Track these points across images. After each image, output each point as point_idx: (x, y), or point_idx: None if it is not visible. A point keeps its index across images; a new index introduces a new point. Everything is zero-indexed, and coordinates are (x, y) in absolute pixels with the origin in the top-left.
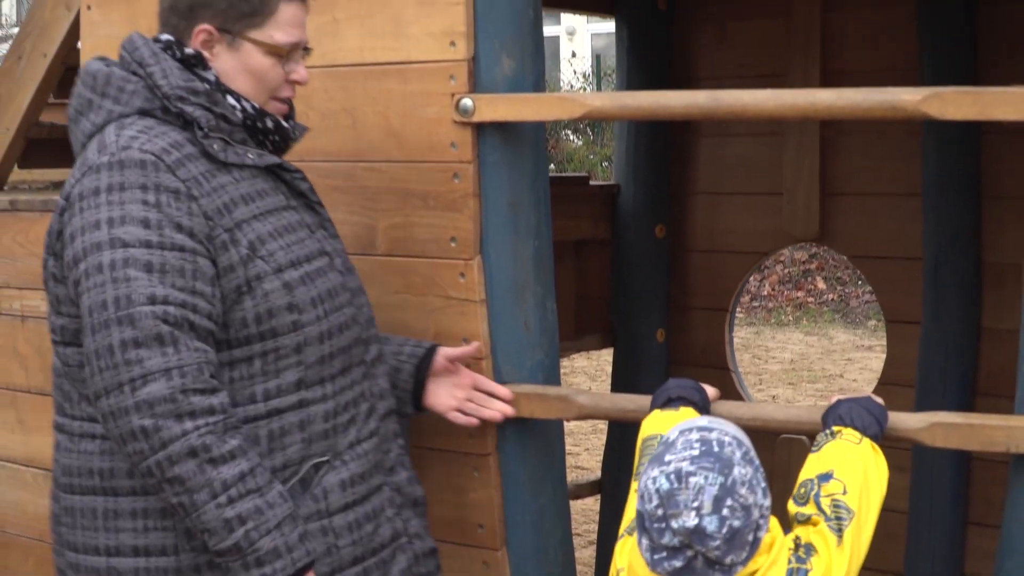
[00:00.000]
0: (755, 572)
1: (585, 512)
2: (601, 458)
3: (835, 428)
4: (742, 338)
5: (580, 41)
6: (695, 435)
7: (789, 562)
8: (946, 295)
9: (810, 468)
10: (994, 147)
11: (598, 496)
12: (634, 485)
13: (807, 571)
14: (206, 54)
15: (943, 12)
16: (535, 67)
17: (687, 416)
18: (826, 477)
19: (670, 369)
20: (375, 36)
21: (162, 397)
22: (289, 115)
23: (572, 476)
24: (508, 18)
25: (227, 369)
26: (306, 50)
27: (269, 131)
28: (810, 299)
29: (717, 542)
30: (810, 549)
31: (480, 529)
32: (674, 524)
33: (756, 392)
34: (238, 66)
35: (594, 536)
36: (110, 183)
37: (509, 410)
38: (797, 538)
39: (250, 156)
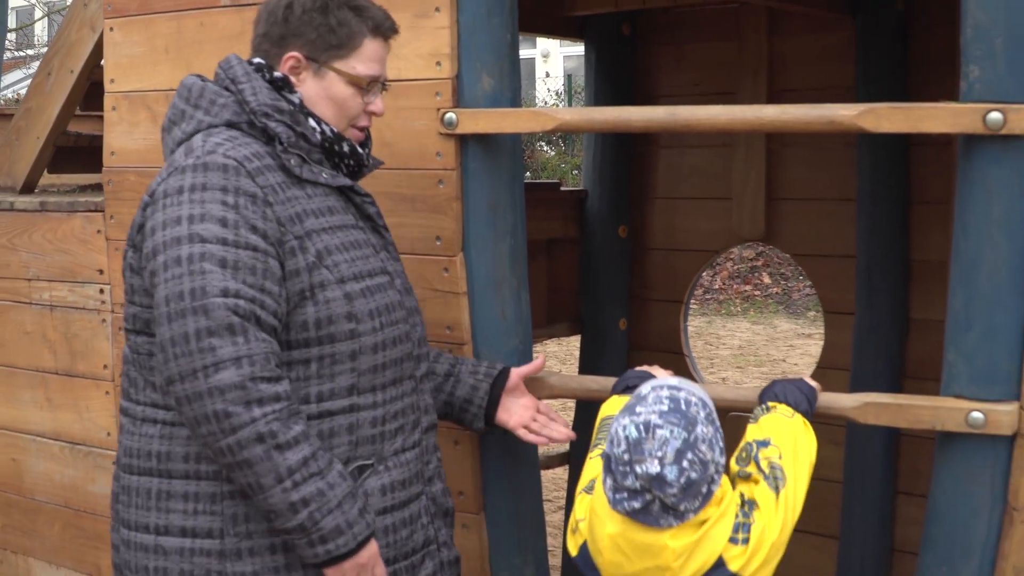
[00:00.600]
0: (705, 521)
1: (555, 480)
2: None
3: (770, 404)
4: (696, 326)
5: (554, 62)
6: (665, 392)
7: (736, 516)
8: (877, 289)
9: (750, 435)
10: (922, 157)
11: (566, 466)
12: (592, 454)
13: (750, 525)
14: (293, 79)
15: (878, 36)
16: (512, 85)
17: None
18: (764, 443)
19: (631, 354)
20: None
21: (233, 384)
22: (365, 143)
23: (543, 448)
24: (488, 42)
25: (285, 369)
26: (384, 85)
27: (345, 155)
28: (756, 292)
29: (674, 490)
30: (752, 504)
31: (460, 495)
32: (638, 469)
33: (708, 375)
34: (321, 92)
35: (563, 502)
36: (193, 183)
37: (572, 434)
38: (741, 494)
39: (324, 175)
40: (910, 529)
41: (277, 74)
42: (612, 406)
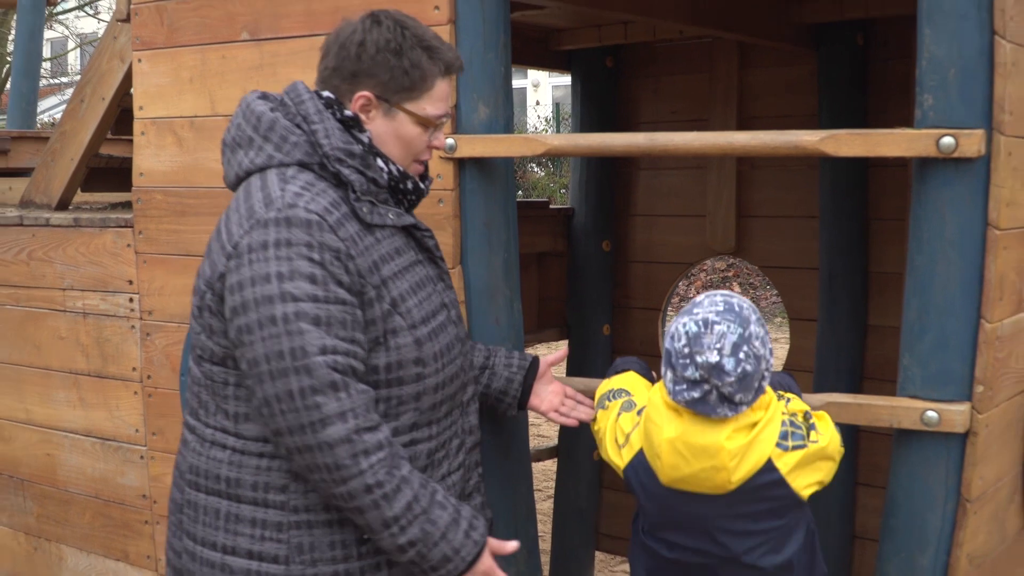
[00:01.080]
0: (756, 424)
1: (545, 472)
2: (557, 429)
3: (782, 393)
4: None
5: (543, 92)
6: (719, 298)
7: (783, 424)
8: (838, 298)
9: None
10: (879, 178)
11: (555, 459)
12: (604, 407)
13: (802, 436)
14: (362, 117)
15: (839, 69)
16: (506, 113)
17: (633, 377)
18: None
19: (613, 357)
20: None
21: (340, 439)
22: (425, 175)
23: (534, 443)
24: (484, 74)
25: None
26: (446, 121)
27: (408, 191)
28: None
29: (732, 379)
30: (813, 426)
31: None
32: (698, 359)
33: None
34: (390, 132)
35: (551, 492)
36: (278, 238)
37: (594, 413)
38: (793, 417)
39: (391, 217)
40: (869, 517)
41: (348, 112)
42: (606, 385)
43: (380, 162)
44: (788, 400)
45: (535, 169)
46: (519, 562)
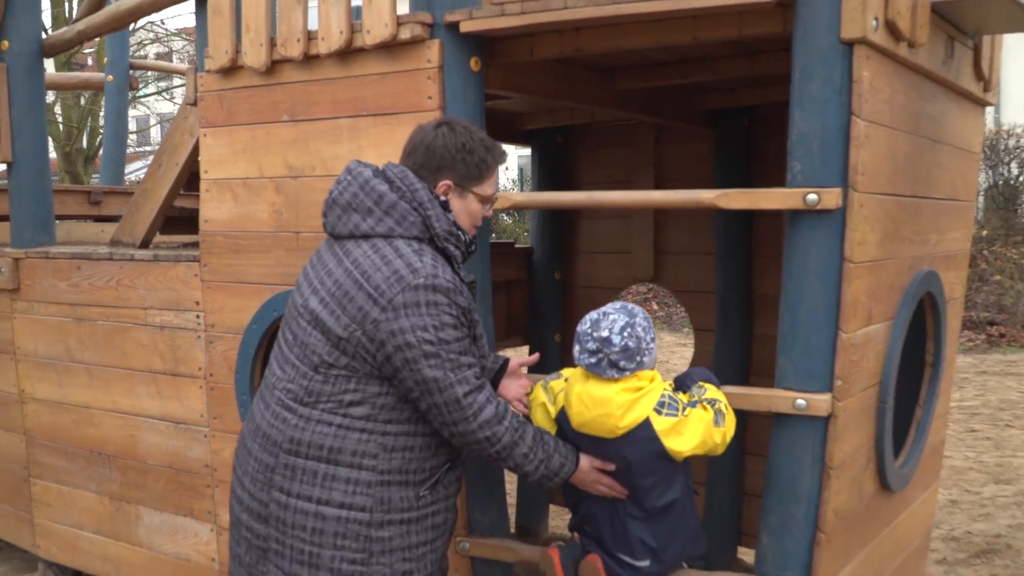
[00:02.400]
0: (640, 389)
1: None
2: None
3: (701, 383)
4: None
5: (511, 159)
6: (619, 303)
7: (663, 396)
8: (730, 314)
9: (708, 394)
10: (762, 224)
11: None
12: (531, 396)
13: (677, 409)
14: (444, 198)
15: (731, 142)
16: None
17: (571, 369)
18: (712, 401)
19: (562, 359)
20: (385, 156)
21: (491, 416)
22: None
23: None
24: None
25: None
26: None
27: (472, 253)
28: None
29: (616, 349)
30: (695, 404)
31: None
32: (595, 335)
33: None
34: (463, 208)
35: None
36: (428, 299)
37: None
38: (673, 395)
39: (467, 276)
40: (755, 479)
41: (443, 199)
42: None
43: (460, 233)
44: (705, 389)
45: (505, 218)
46: (492, 512)
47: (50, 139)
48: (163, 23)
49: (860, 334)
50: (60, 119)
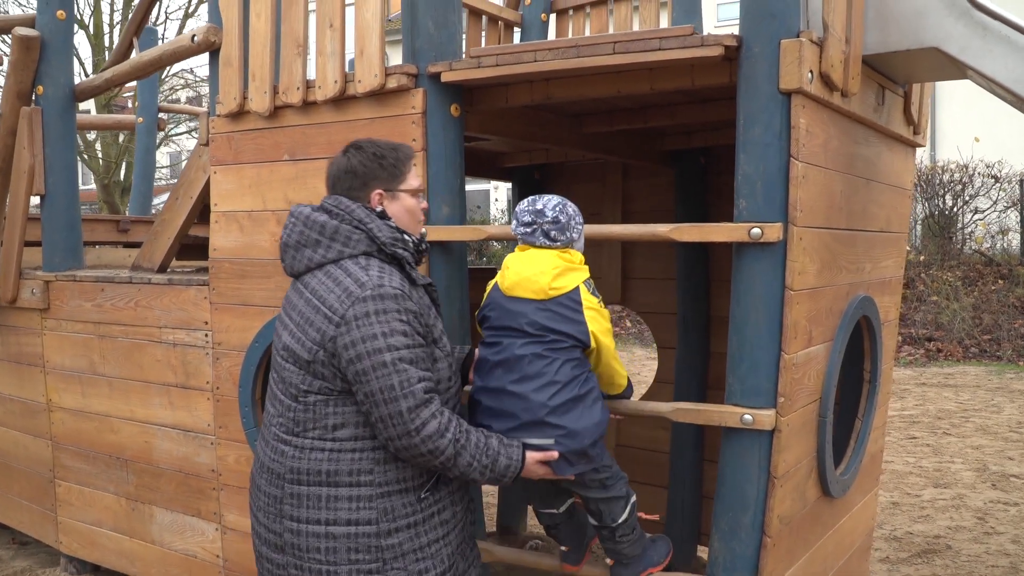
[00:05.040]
0: (570, 263)
1: None
2: None
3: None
4: None
5: (501, 192)
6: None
7: (589, 280)
8: (690, 333)
9: None
10: (718, 251)
11: None
12: None
13: (600, 298)
14: (380, 208)
15: (689, 179)
16: (460, 211)
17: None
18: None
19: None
20: None
21: (434, 431)
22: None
23: None
24: (445, 185)
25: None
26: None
27: (424, 250)
28: (622, 331)
29: (548, 219)
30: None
31: None
32: (529, 207)
33: None
34: (400, 209)
35: None
36: (376, 308)
37: None
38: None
39: (421, 278)
40: (714, 484)
41: (379, 209)
42: None
43: (406, 236)
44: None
45: (495, 244)
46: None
47: (91, 172)
48: (192, 71)
49: (801, 355)
50: (100, 155)
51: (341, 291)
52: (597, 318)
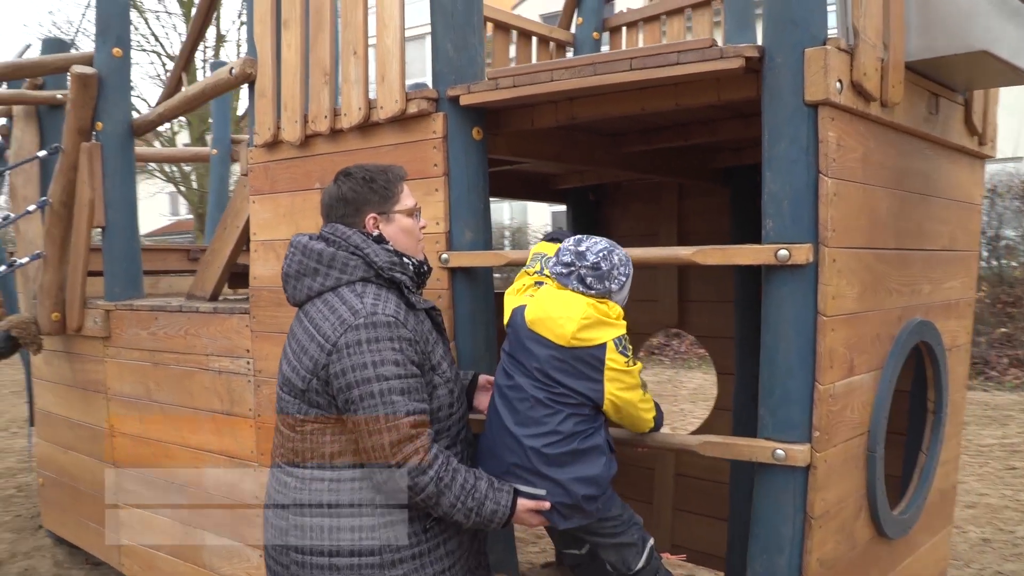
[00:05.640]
0: (609, 316)
1: None
2: None
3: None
4: (667, 375)
5: (544, 215)
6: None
7: (624, 339)
8: (748, 357)
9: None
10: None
11: None
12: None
13: (633, 358)
14: (376, 232)
15: (743, 198)
16: (485, 236)
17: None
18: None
19: None
20: None
21: (415, 467)
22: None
23: None
24: (468, 210)
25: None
26: (420, 207)
27: (426, 273)
28: (682, 355)
29: (588, 263)
30: (635, 362)
31: None
32: (573, 247)
33: (673, 406)
34: (397, 230)
35: None
36: (368, 337)
37: None
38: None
39: (421, 302)
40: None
41: (375, 233)
42: (542, 247)
43: (405, 259)
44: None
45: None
46: (498, 549)
47: (188, 203)
48: None
49: (840, 385)
50: (195, 185)
51: (335, 318)
52: (620, 378)
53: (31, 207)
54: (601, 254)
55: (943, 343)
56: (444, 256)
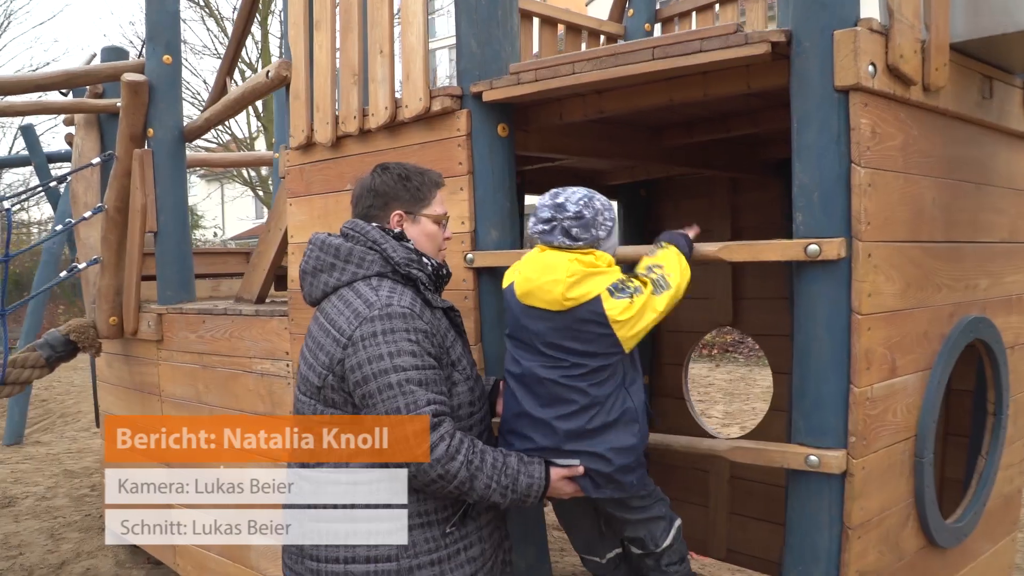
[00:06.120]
0: (594, 266)
1: None
2: None
3: (664, 243)
4: (740, 373)
5: None
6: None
7: (617, 282)
8: None
9: (651, 260)
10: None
11: None
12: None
13: (631, 294)
14: (400, 229)
15: None
16: (512, 235)
17: (671, 251)
18: (659, 266)
19: (651, 399)
20: None
21: (443, 455)
22: (445, 262)
23: None
24: (494, 208)
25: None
26: (448, 217)
27: (445, 277)
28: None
29: (570, 214)
30: (638, 289)
31: None
32: (550, 202)
33: (744, 405)
34: (419, 233)
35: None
36: (383, 328)
37: None
38: (633, 279)
39: (439, 301)
40: None
41: (396, 230)
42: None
43: (425, 259)
44: (662, 249)
45: None
46: (530, 555)
47: (265, 207)
48: None
49: (880, 387)
50: (272, 189)
51: (350, 312)
52: (626, 322)
53: (87, 213)
54: (581, 202)
55: (1003, 341)
56: (469, 256)
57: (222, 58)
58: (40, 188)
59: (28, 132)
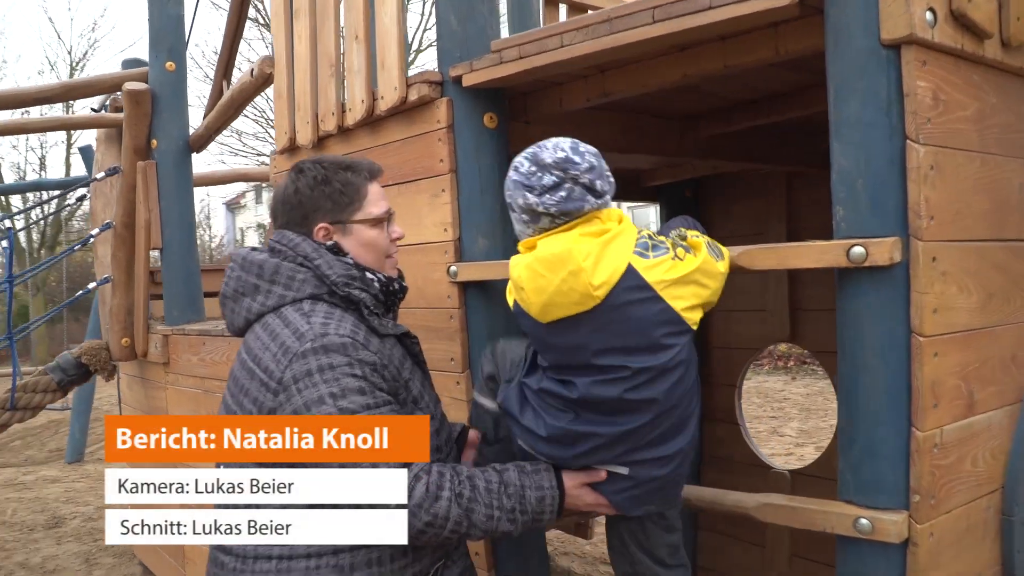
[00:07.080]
0: (606, 232)
1: None
2: None
3: (683, 230)
4: (819, 387)
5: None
6: None
7: (640, 236)
8: None
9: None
10: None
11: None
12: None
13: (668, 247)
14: (331, 242)
15: None
16: (504, 243)
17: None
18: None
19: (702, 423)
20: (409, 226)
21: (423, 497)
22: (400, 275)
23: None
24: (481, 212)
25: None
26: (392, 213)
27: (397, 291)
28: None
29: (584, 166)
30: (689, 248)
31: (476, 555)
32: (547, 161)
33: (821, 421)
34: (356, 244)
35: None
36: (320, 365)
37: None
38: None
39: (390, 326)
40: None
41: (329, 243)
42: None
43: (369, 274)
44: (684, 236)
45: None
46: (531, 566)
47: None
48: None
49: (953, 429)
50: None
51: (277, 347)
52: (675, 283)
53: (94, 231)
54: (582, 149)
55: None
56: (453, 269)
57: (216, 62)
58: (56, 208)
59: (87, 153)
